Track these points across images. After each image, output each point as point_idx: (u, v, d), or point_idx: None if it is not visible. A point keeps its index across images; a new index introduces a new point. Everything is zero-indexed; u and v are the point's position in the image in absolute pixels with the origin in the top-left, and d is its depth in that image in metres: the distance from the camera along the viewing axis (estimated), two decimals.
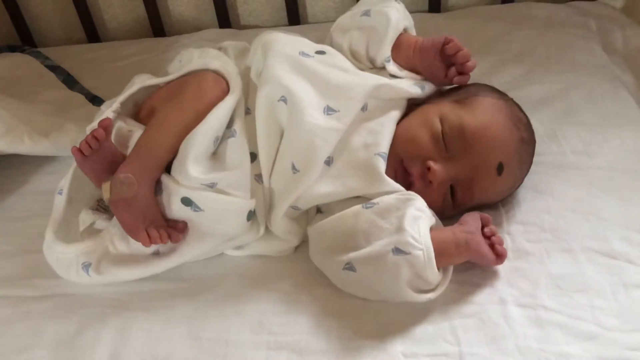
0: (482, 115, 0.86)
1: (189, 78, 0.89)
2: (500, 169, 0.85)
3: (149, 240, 0.79)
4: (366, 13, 0.97)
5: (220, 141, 0.86)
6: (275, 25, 1.49)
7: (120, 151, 0.86)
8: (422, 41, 0.94)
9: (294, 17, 1.46)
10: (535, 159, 0.94)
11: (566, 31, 1.28)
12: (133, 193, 0.79)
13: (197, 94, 0.85)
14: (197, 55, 0.95)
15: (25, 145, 1.03)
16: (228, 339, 0.78)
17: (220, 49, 1.00)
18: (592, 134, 1.01)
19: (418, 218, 0.78)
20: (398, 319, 0.78)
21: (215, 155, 0.85)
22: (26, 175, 1.08)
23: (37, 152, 1.05)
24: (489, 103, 0.88)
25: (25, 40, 1.50)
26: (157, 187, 0.82)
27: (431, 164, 0.83)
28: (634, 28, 1.26)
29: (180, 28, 1.51)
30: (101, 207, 0.90)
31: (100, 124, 0.81)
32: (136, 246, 0.82)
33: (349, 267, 0.78)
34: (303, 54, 0.90)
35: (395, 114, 0.89)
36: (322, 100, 0.85)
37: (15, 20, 1.47)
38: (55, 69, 1.32)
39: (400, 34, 0.96)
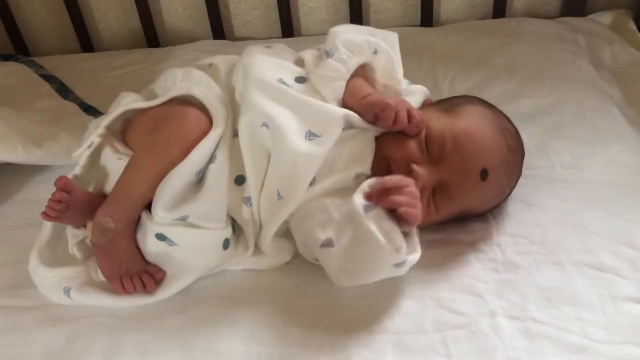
0: (466, 122, 0.87)
1: (171, 114, 0.87)
2: (484, 174, 0.85)
3: (123, 290, 0.82)
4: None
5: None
6: (269, 37, 1.50)
7: (92, 192, 0.88)
8: (366, 101, 0.89)
9: (288, 29, 1.47)
10: (525, 172, 0.96)
11: (556, 46, 1.30)
12: (112, 236, 0.81)
13: (175, 137, 0.84)
14: (179, 78, 0.93)
15: (19, 155, 1.03)
16: (219, 350, 0.78)
17: (211, 64, 0.99)
18: (581, 148, 1.02)
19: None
20: (390, 330, 0.78)
21: (196, 182, 0.85)
22: (19, 184, 1.08)
23: (30, 161, 1.05)
24: (476, 111, 0.90)
25: (19, 49, 1.50)
26: (138, 224, 0.84)
27: (414, 167, 0.84)
28: (621, 44, 1.29)
29: (174, 39, 1.52)
30: None
31: (59, 185, 0.83)
32: None
33: (328, 243, 0.80)
34: (282, 81, 0.89)
35: (375, 131, 0.89)
36: (304, 126, 0.85)
37: (10, 29, 1.47)
38: (49, 78, 1.32)
39: (359, 76, 0.93)
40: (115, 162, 0.88)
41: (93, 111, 1.21)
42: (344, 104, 0.90)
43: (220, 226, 0.84)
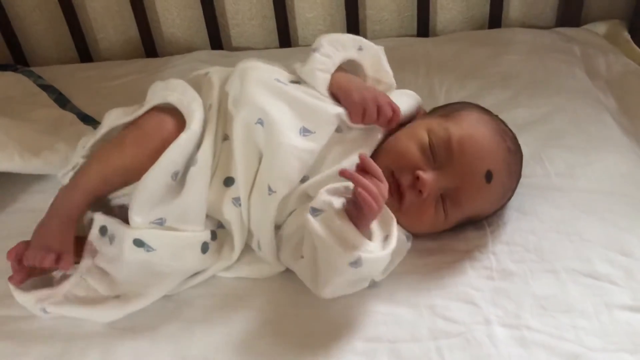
0: (468, 126, 0.89)
1: (142, 118, 0.89)
2: (489, 176, 0.86)
3: (13, 255, 0.82)
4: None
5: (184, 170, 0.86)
6: (266, 48, 1.51)
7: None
8: (344, 89, 0.92)
9: (285, 39, 1.48)
10: (520, 180, 0.96)
11: (551, 56, 1.30)
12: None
13: (137, 140, 0.87)
14: (160, 88, 0.94)
15: (16, 164, 1.03)
16: (214, 359, 0.78)
17: (207, 73, 0.99)
18: (576, 157, 1.03)
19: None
20: (385, 338, 0.78)
21: (176, 185, 0.86)
22: (16, 193, 1.08)
23: (27, 170, 1.05)
24: (475, 116, 0.91)
25: (18, 59, 1.51)
26: (105, 234, 0.84)
27: (420, 173, 0.84)
28: (616, 54, 1.30)
29: (172, 49, 1.52)
30: None
31: (10, 259, 0.83)
32: (95, 288, 0.83)
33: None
34: (278, 80, 0.92)
35: (376, 138, 0.91)
36: (298, 122, 0.87)
37: (9, 39, 1.48)
38: (47, 88, 1.33)
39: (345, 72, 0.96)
40: None
41: (91, 121, 1.22)
42: (330, 94, 0.92)
43: (198, 229, 0.85)
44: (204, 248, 0.86)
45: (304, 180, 0.86)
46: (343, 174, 0.76)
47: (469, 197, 0.87)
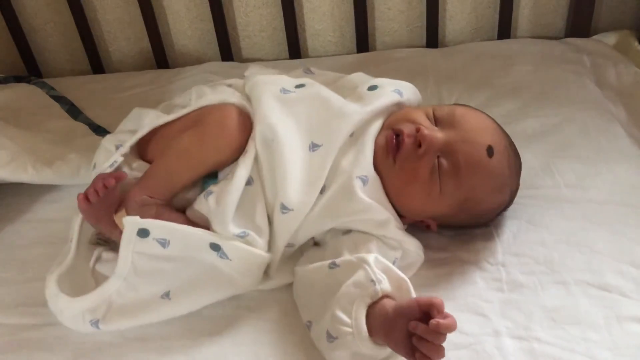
0: (473, 109, 0.92)
1: (210, 109, 0.88)
2: (490, 150, 0.85)
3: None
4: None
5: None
6: (276, 59, 1.52)
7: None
8: None
9: (295, 51, 1.49)
10: (529, 191, 0.96)
11: (561, 67, 1.30)
12: (152, 214, 0.82)
13: (220, 129, 0.86)
14: (209, 92, 0.94)
15: (28, 174, 1.04)
16: None
17: (230, 86, 1.00)
18: (586, 168, 1.02)
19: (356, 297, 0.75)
20: None
21: (241, 203, 0.84)
22: (28, 203, 1.09)
23: (39, 181, 1.06)
24: (478, 110, 0.94)
25: (31, 70, 1.53)
26: (146, 236, 0.80)
27: (422, 127, 0.84)
28: (626, 64, 1.29)
29: (183, 60, 1.54)
30: (101, 240, 0.90)
31: (116, 175, 0.83)
32: (144, 291, 0.81)
33: (309, 325, 0.80)
34: (284, 90, 0.91)
35: (375, 129, 0.89)
36: (307, 138, 0.86)
37: (23, 51, 1.50)
38: (59, 99, 1.34)
39: None
40: (131, 183, 0.88)
41: (102, 131, 1.23)
42: None
43: (266, 249, 0.84)
44: (266, 270, 0.85)
45: (322, 190, 0.85)
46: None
47: (467, 166, 0.84)
